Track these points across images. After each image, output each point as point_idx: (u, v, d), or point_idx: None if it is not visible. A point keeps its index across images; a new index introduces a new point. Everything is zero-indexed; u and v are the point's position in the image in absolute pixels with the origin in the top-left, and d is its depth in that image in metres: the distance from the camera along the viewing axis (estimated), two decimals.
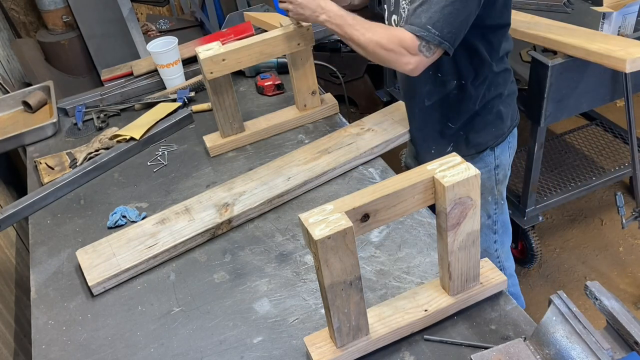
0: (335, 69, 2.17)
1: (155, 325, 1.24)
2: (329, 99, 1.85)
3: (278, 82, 2.00)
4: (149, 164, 1.75)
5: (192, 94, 2.02)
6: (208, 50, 1.58)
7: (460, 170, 0.95)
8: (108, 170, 1.75)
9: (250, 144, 1.77)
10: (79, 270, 1.37)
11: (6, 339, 1.56)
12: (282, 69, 2.08)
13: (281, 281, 1.29)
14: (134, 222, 1.50)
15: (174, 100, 1.99)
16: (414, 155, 1.77)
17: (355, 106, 3.57)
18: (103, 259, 1.37)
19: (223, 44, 1.61)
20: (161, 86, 2.12)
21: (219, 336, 1.19)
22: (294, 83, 1.75)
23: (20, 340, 1.65)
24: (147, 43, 2.08)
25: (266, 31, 1.82)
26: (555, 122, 2.13)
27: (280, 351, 1.13)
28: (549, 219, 2.76)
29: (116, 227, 1.51)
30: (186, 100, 1.99)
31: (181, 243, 1.39)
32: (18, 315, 1.71)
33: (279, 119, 1.79)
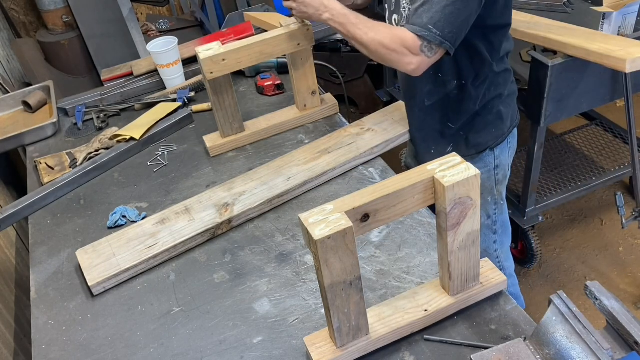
0: (335, 69, 2.17)
1: (155, 325, 1.24)
2: (329, 99, 1.85)
3: (278, 82, 2.00)
4: (149, 164, 1.75)
5: (192, 94, 2.02)
6: (208, 50, 1.58)
7: (460, 170, 0.95)
8: (108, 170, 1.75)
9: (250, 144, 1.77)
10: (79, 270, 1.37)
11: (6, 339, 1.56)
12: (282, 69, 2.08)
13: (281, 281, 1.29)
14: (134, 222, 1.50)
15: (174, 100, 1.99)
16: (414, 155, 1.77)
17: (355, 106, 3.57)
18: (103, 259, 1.37)
19: (223, 44, 1.61)
20: (161, 86, 2.12)
21: (219, 336, 1.19)
22: (294, 83, 1.75)
23: (20, 340, 1.65)
24: (147, 43, 2.08)
25: (266, 31, 1.82)
26: (555, 122, 2.13)
27: (280, 351, 1.13)
28: (549, 219, 2.76)
29: (116, 227, 1.51)
30: (186, 100, 1.99)
31: (181, 243, 1.39)
32: (18, 315, 1.71)
33: (279, 119, 1.79)
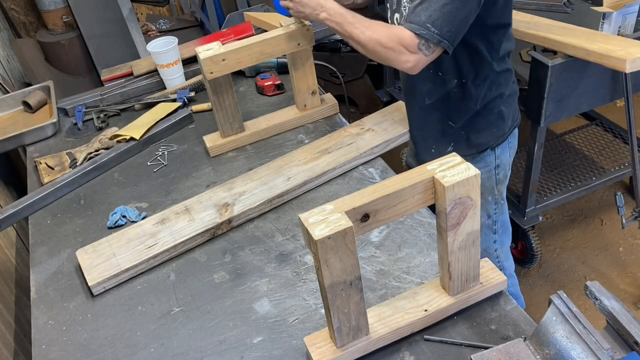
0: (335, 69, 2.17)
1: (155, 325, 1.24)
2: (329, 99, 1.85)
3: (278, 82, 2.00)
4: (149, 164, 1.75)
5: (192, 94, 2.02)
6: (208, 50, 1.58)
7: (460, 170, 0.95)
8: (108, 170, 1.75)
9: (250, 144, 1.77)
10: (79, 270, 1.37)
11: (6, 339, 1.56)
12: (282, 69, 2.08)
13: (281, 281, 1.29)
14: (134, 222, 1.50)
15: (174, 100, 1.99)
16: (415, 154, 1.77)
17: (355, 106, 3.57)
18: (103, 259, 1.37)
19: (223, 44, 1.61)
20: (161, 86, 2.12)
21: (219, 336, 1.19)
22: (294, 83, 1.75)
23: (20, 340, 1.65)
24: (147, 43, 2.08)
25: (266, 31, 1.82)
26: (555, 122, 2.13)
27: (280, 351, 1.13)
28: (549, 219, 2.76)
29: (116, 227, 1.51)
30: (186, 100, 1.99)
31: (181, 243, 1.39)
32: (18, 315, 1.71)
33: (279, 119, 1.79)
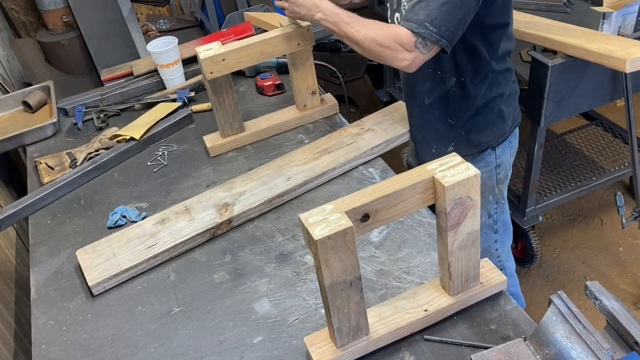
0: (335, 69, 2.17)
1: (155, 325, 1.24)
2: (329, 99, 1.85)
3: (278, 82, 2.00)
4: (149, 164, 1.75)
5: (192, 94, 2.02)
6: (208, 50, 1.58)
7: (460, 170, 0.95)
8: (108, 170, 1.75)
9: (250, 144, 1.77)
10: (79, 270, 1.37)
11: (6, 339, 1.56)
12: (282, 69, 2.08)
13: (281, 281, 1.29)
14: (134, 222, 1.50)
15: (174, 100, 1.99)
16: (415, 154, 1.77)
17: (355, 106, 3.57)
18: (103, 259, 1.37)
19: (223, 44, 1.61)
20: (161, 86, 2.12)
21: (219, 336, 1.19)
22: (294, 83, 1.75)
23: (20, 340, 1.65)
24: (147, 43, 2.08)
25: (266, 31, 1.82)
26: (555, 122, 2.13)
27: (280, 351, 1.13)
28: (549, 219, 2.76)
29: (116, 227, 1.51)
30: (186, 100, 1.99)
31: (181, 243, 1.39)
32: (18, 315, 1.71)
33: (279, 119, 1.79)
